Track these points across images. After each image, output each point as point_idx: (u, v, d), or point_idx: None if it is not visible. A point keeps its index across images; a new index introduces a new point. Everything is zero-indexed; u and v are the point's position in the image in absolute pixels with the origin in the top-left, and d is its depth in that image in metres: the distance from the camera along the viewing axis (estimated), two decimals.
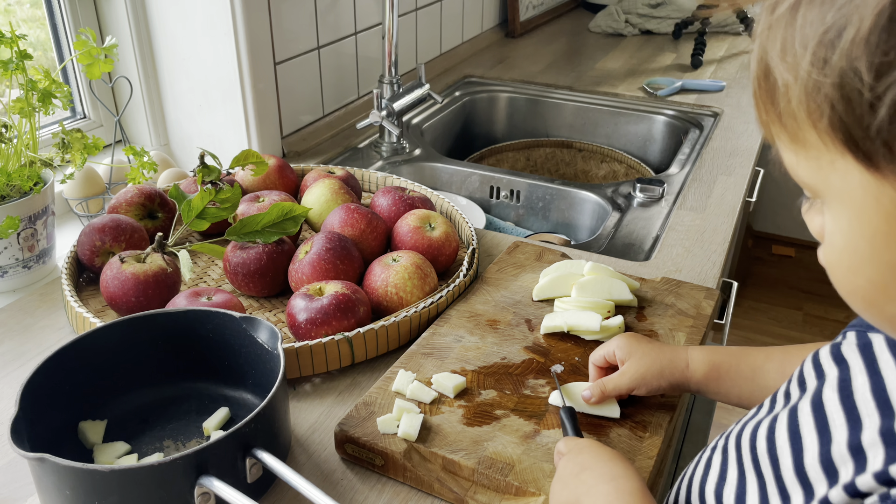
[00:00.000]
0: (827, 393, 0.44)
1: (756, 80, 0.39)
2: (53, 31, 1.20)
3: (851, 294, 0.39)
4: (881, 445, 0.38)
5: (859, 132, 0.33)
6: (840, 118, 0.33)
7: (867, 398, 0.41)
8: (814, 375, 0.48)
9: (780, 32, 0.36)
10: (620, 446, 0.67)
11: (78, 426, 0.70)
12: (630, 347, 0.70)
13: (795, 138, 0.37)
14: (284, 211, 0.92)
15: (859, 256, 0.37)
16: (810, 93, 0.34)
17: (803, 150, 0.37)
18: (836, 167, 0.35)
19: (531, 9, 2.24)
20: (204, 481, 0.57)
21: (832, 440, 0.41)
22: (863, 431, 0.40)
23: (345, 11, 1.43)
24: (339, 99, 1.48)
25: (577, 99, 1.73)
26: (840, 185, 0.36)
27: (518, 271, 0.95)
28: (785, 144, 0.38)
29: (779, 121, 0.38)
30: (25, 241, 0.94)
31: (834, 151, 0.35)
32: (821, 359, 0.48)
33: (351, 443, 0.68)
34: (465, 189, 1.38)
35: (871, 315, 0.39)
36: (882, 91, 0.31)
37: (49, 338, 0.87)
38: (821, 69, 0.33)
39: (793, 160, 0.39)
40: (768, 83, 0.37)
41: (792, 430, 0.45)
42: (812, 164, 0.37)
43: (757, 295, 2.79)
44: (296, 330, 0.81)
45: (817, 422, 0.43)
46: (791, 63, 0.35)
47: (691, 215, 1.16)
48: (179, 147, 1.34)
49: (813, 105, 0.34)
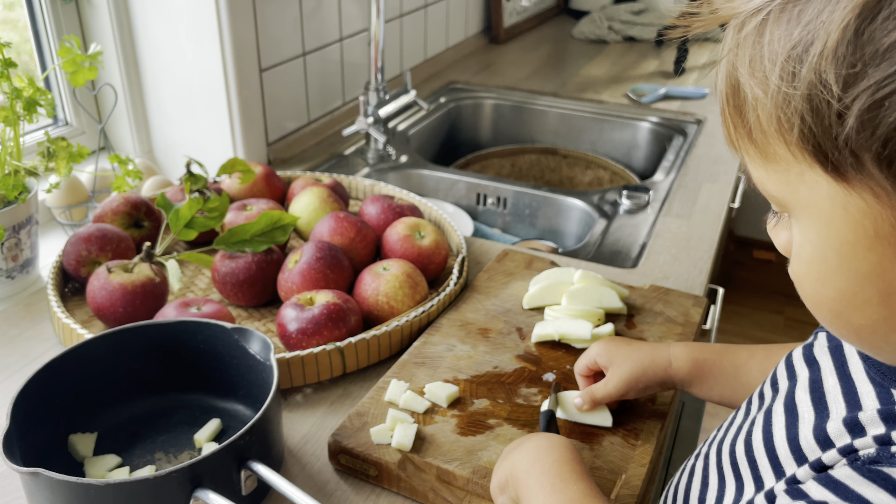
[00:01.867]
0: (799, 394, 0.46)
1: (725, 98, 0.40)
2: (35, 37, 1.19)
3: (819, 305, 0.40)
4: (846, 434, 0.40)
5: (828, 143, 0.34)
6: (810, 129, 0.34)
7: (837, 396, 0.43)
8: (786, 376, 0.49)
9: (749, 50, 0.37)
10: (613, 454, 0.68)
11: (68, 439, 0.69)
12: (610, 353, 0.70)
13: (764, 153, 0.38)
14: (273, 220, 0.92)
15: (828, 267, 0.37)
16: (780, 106, 0.35)
17: (772, 165, 0.38)
18: (805, 179, 0.36)
19: (515, 15, 2.25)
20: (199, 494, 0.57)
21: (799, 433, 0.43)
22: (828, 422, 0.41)
23: (330, 18, 1.42)
24: (324, 105, 1.48)
25: (561, 106, 1.74)
26: (809, 196, 0.37)
27: (508, 279, 0.95)
28: (754, 160, 0.39)
29: (748, 136, 0.38)
30: (9, 251, 0.93)
31: (803, 164, 0.36)
32: (793, 360, 0.49)
33: (345, 453, 0.68)
34: (451, 196, 1.38)
35: (838, 326, 0.40)
36: (850, 101, 0.32)
37: (34, 349, 0.86)
38: (790, 82, 0.34)
39: (762, 175, 0.39)
40: (737, 99, 0.38)
41: (766, 431, 0.46)
42: (781, 178, 0.38)
43: (739, 299, 2.82)
44: (286, 340, 0.81)
45: (787, 418, 0.45)
46: (760, 78, 0.36)
47: (677, 222, 1.17)
48: (163, 154, 1.33)
49: (783, 118, 0.35)
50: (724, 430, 0.53)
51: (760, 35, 0.36)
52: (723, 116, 0.41)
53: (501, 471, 0.58)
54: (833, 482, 0.37)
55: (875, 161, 0.33)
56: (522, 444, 0.58)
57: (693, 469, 0.54)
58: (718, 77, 0.41)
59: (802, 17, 0.34)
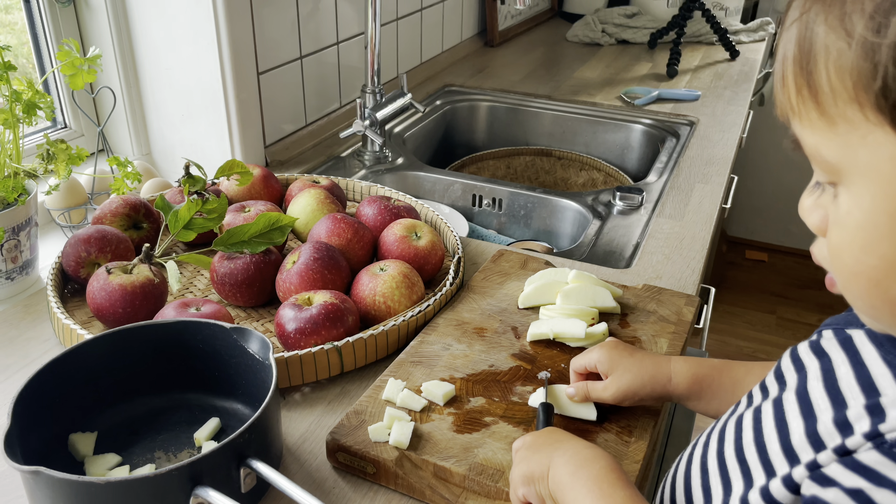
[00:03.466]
0: (812, 383, 0.46)
1: (791, 61, 0.40)
2: (34, 40, 1.19)
3: (857, 276, 0.40)
4: (867, 417, 0.40)
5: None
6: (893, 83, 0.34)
7: (852, 385, 0.43)
8: (793, 369, 0.49)
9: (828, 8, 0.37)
10: (607, 451, 0.68)
11: (68, 438, 0.70)
12: (612, 361, 0.71)
13: (828, 116, 0.38)
14: (271, 221, 0.92)
15: (877, 232, 0.38)
16: (865, 56, 0.35)
17: (832, 128, 0.38)
18: (868, 141, 0.37)
19: (509, 18, 2.26)
20: (200, 492, 0.58)
21: (818, 420, 0.43)
22: (848, 409, 0.41)
23: (327, 21, 1.43)
24: (321, 108, 1.49)
25: (555, 108, 1.75)
26: (868, 159, 0.37)
27: (503, 279, 0.96)
28: (813, 124, 0.39)
29: (813, 99, 0.39)
30: (9, 253, 0.94)
31: (872, 124, 0.36)
32: (799, 353, 0.50)
33: (343, 451, 0.69)
34: (447, 197, 1.39)
35: (873, 298, 0.40)
36: None
37: (34, 350, 0.87)
38: (877, 32, 0.35)
39: (817, 140, 0.40)
40: (808, 61, 0.39)
41: (778, 418, 0.47)
42: (840, 141, 0.38)
43: (731, 299, 2.84)
44: (285, 340, 0.82)
45: (802, 408, 0.45)
46: (844, 31, 0.36)
47: (670, 223, 1.18)
48: (162, 156, 1.34)
49: (866, 69, 0.35)
50: (725, 420, 0.54)
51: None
52: (783, 83, 0.41)
53: (531, 466, 0.59)
54: (863, 468, 0.38)
55: None
56: (560, 446, 0.58)
57: (691, 458, 0.55)
58: (783, 41, 0.41)
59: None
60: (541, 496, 0.58)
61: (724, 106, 1.71)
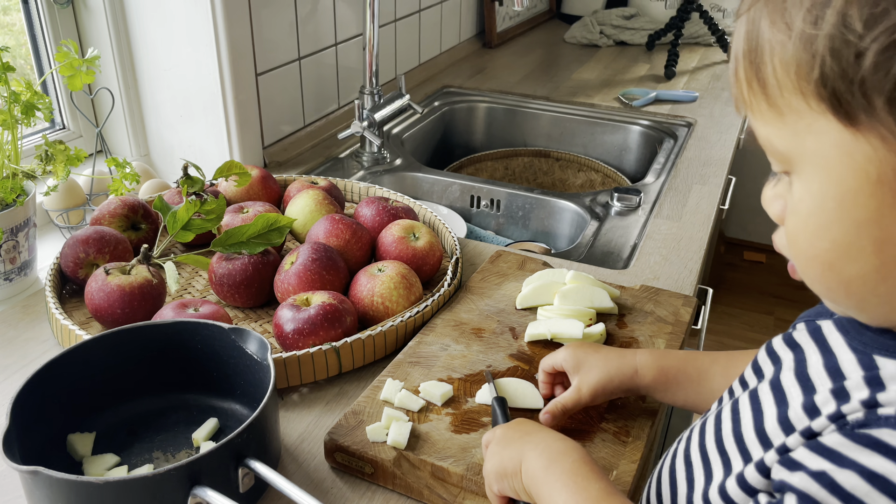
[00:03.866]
0: (785, 374, 0.47)
1: (741, 56, 0.42)
2: (32, 41, 1.20)
3: (813, 259, 0.41)
4: (833, 400, 0.41)
5: (843, 85, 0.35)
6: (830, 70, 0.36)
7: (820, 372, 0.44)
8: (769, 362, 0.51)
9: (771, 4, 0.39)
10: (605, 451, 0.69)
11: (66, 438, 0.70)
12: (577, 360, 0.71)
13: (776, 106, 0.40)
14: (270, 222, 0.93)
15: (827, 217, 0.39)
16: (803, 48, 0.37)
17: (780, 119, 0.40)
18: (813, 129, 0.38)
19: (508, 19, 2.26)
20: (198, 491, 0.58)
21: (789, 406, 0.44)
22: (816, 394, 0.43)
23: (325, 23, 1.44)
24: (319, 109, 1.49)
25: (553, 109, 1.75)
26: (815, 147, 0.38)
27: (501, 280, 0.96)
28: (764, 115, 0.41)
29: (762, 91, 0.40)
30: (7, 254, 0.94)
31: (816, 113, 0.38)
32: (774, 347, 0.52)
33: (341, 451, 0.69)
34: (445, 198, 1.39)
35: (829, 280, 0.41)
36: (870, 41, 0.34)
37: (33, 350, 0.87)
38: (813, 24, 0.36)
39: (769, 131, 0.41)
40: (755, 54, 0.40)
41: (754, 408, 0.48)
42: (789, 131, 0.40)
43: (729, 300, 2.84)
44: (283, 340, 0.82)
45: (776, 396, 0.47)
46: (785, 25, 0.38)
47: (668, 224, 1.18)
48: (160, 157, 1.34)
49: (804, 60, 0.37)
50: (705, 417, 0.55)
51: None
52: (735, 78, 0.43)
53: (503, 460, 0.59)
54: (826, 450, 0.38)
55: (886, 103, 0.34)
56: (531, 439, 0.58)
57: (675, 453, 0.56)
58: (734, 38, 0.42)
59: None
60: (515, 491, 0.58)
61: (722, 107, 1.71)
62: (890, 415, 0.37)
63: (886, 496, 0.35)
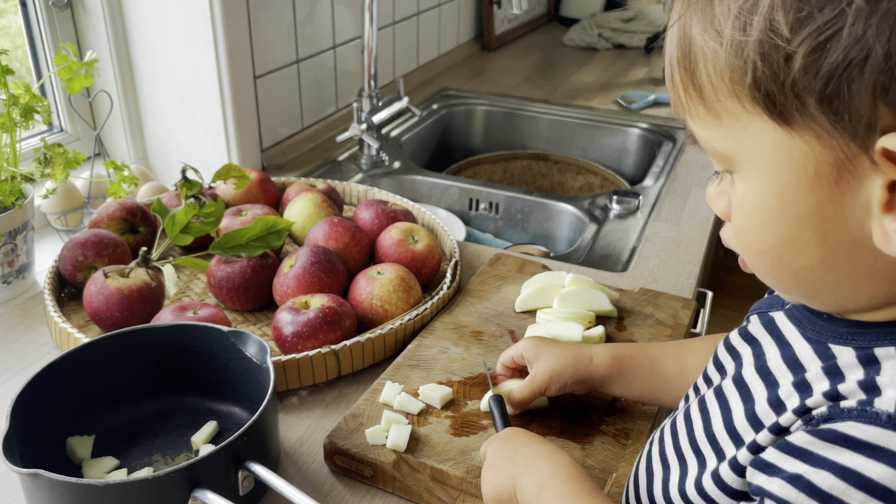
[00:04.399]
0: (746, 370, 0.49)
1: (675, 63, 0.42)
2: (31, 44, 1.20)
3: (761, 254, 0.42)
4: (796, 393, 0.42)
5: (776, 88, 0.36)
6: (762, 74, 0.37)
7: (780, 365, 0.46)
8: (730, 358, 0.52)
9: (701, 12, 0.40)
10: (604, 453, 0.69)
11: (66, 441, 0.70)
12: (536, 349, 0.73)
13: (713, 110, 0.41)
14: (269, 225, 0.93)
15: (770, 213, 0.40)
16: (734, 55, 0.38)
17: (719, 121, 0.41)
18: (751, 130, 0.39)
19: (506, 22, 2.27)
20: (198, 494, 0.58)
21: (755, 402, 0.45)
22: (779, 388, 0.44)
23: (323, 25, 1.44)
24: (318, 112, 1.49)
25: (552, 112, 1.75)
26: (753, 147, 0.39)
27: (500, 283, 0.96)
28: (702, 119, 0.42)
29: (699, 96, 0.41)
30: (6, 257, 0.94)
31: (751, 114, 0.39)
32: (732, 342, 0.53)
33: (340, 454, 0.69)
34: (444, 201, 1.39)
35: (779, 272, 0.42)
36: (797, 45, 0.35)
37: (31, 353, 0.87)
38: (742, 31, 0.37)
39: (708, 134, 0.42)
40: (689, 61, 0.41)
41: (722, 406, 0.49)
42: (727, 133, 0.40)
43: (729, 303, 2.84)
44: (282, 343, 0.82)
45: (741, 393, 0.48)
46: (716, 32, 0.39)
47: (667, 227, 1.18)
48: (158, 160, 1.34)
49: (737, 66, 0.38)
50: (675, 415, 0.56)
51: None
52: (671, 83, 0.43)
53: (496, 485, 0.58)
54: (797, 450, 0.39)
55: (818, 102, 0.35)
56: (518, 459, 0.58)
57: (650, 454, 0.56)
58: (667, 46, 0.43)
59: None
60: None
61: None
62: (852, 407, 0.38)
63: (862, 491, 0.36)
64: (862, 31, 0.33)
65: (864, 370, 0.40)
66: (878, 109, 0.34)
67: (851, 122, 0.35)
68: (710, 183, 0.46)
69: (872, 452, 0.36)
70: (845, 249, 0.39)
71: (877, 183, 0.36)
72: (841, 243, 0.39)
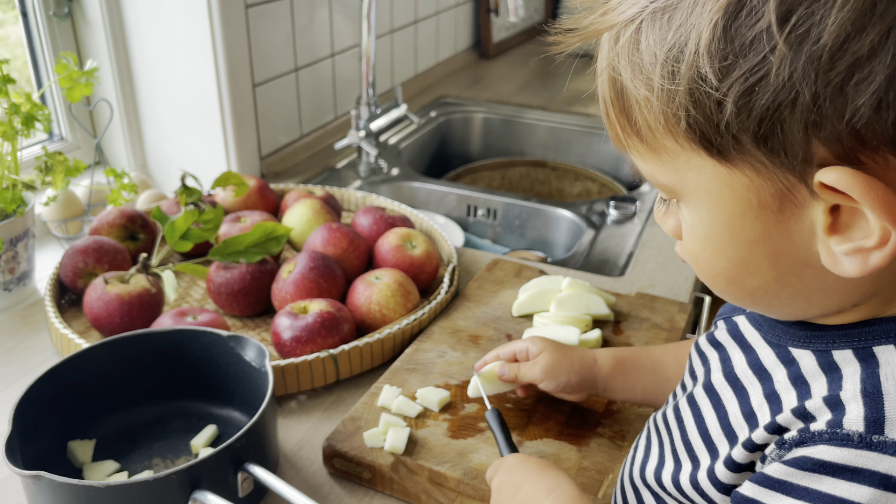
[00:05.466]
0: (714, 376, 0.50)
1: (609, 103, 0.43)
2: (31, 54, 1.21)
3: (716, 276, 0.43)
4: (766, 405, 0.43)
5: (711, 130, 0.37)
6: (695, 120, 0.37)
7: (745, 370, 0.47)
8: (700, 363, 0.53)
9: (629, 58, 0.40)
10: (600, 455, 0.70)
11: (67, 446, 0.70)
12: (543, 344, 0.73)
13: (653, 148, 0.41)
14: (267, 231, 0.93)
15: (720, 240, 0.41)
16: (665, 103, 0.38)
17: (659, 158, 0.41)
18: (692, 165, 0.40)
19: (504, 30, 2.28)
20: (198, 495, 0.58)
21: (727, 412, 0.46)
22: (750, 397, 0.45)
23: (322, 34, 1.45)
24: (316, 120, 1.50)
25: (550, 119, 1.76)
26: (696, 180, 0.40)
27: (498, 288, 0.97)
28: (643, 155, 0.43)
29: (636, 135, 0.42)
30: (7, 264, 0.94)
31: (690, 152, 0.39)
32: (702, 347, 0.54)
33: (339, 457, 0.70)
34: (442, 208, 1.40)
35: (734, 292, 0.44)
36: (726, 90, 0.36)
37: (32, 359, 0.87)
38: (671, 80, 0.37)
39: (651, 168, 0.43)
40: (623, 103, 0.42)
41: (695, 413, 0.50)
42: (669, 168, 0.41)
43: None
44: (281, 348, 0.82)
45: (712, 400, 0.49)
46: (644, 80, 0.39)
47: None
48: (158, 168, 1.35)
49: (669, 113, 0.38)
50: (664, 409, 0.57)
51: (637, 43, 0.39)
52: (608, 120, 0.44)
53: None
54: (778, 483, 0.39)
55: (753, 140, 0.36)
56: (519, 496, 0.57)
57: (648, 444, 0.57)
58: (600, 83, 0.44)
59: (673, 21, 0.37)
60: None
61: None
62: (822, 430, 0.38)
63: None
64: (788, 74, 0.34)
65: (827, 379, 0.40)
66: (812, 145, 0.35)
67: (788, 157, 0.36)
68: (658, 203, 0.47)
69: (852, 475, 0.36)
70: (795, 269, 0.40)
71: (818, 208, 0.37)
72: (791, 264, 0.40)
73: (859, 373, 0.39)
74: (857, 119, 0.33)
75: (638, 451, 0.57)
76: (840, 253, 0.37)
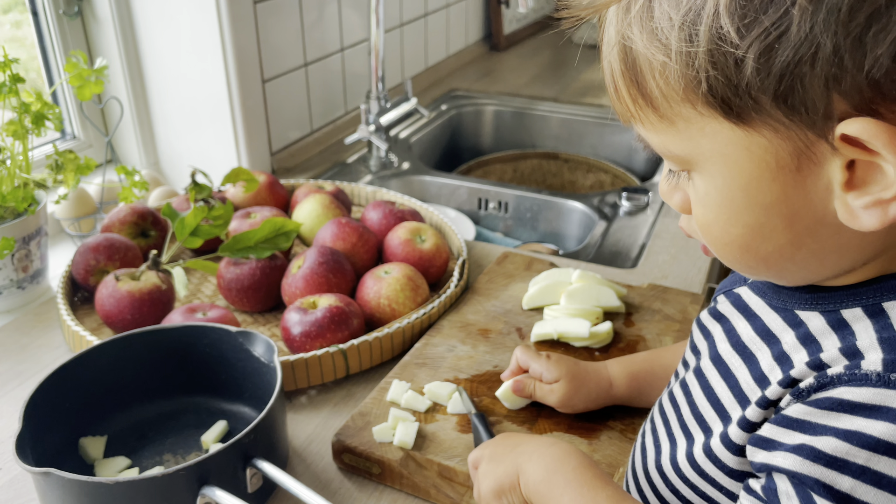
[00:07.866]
0: (721, 346, 0.50)
1: (619, 76, 0.42)
2: (42, 53, 1.21)
3: (729, 245, 0.43)
4: (777, 366, 0.43)
5: (730, 91, 0.37)
6: (716, 80, 0.37)
7: (752, 337, 0.47)
8: (702, 337, 0.53)
9: (642, 25, 0.40)
10: (611, 448, 0.69)
11: (78, 442, 0.71)
12: (558, 372, 0.72)
13: (666, 117, 0.41)
14: (277, 226, 0.93)
15: (736, 206, 0.41)
16: (685, 66, 0.38)
17: (672, 127, 0.41)
18: (706, 132, 0.40)
19: (514, 22, 2.27)
20: (206, 491, 0.58)
21: (738, 379, 0.46)
22: (760, 362, 0.45)
23: (331, 29, 1.45)
24: (326, 115, 1.50)
25: (562, 111, 1.75)
26: (711, 146, 0.40)
27: (508, 281, 0.96)
28: (655, 126, 0.42)
29: (649, 105, 0.42)
30: (20, 262, 0.95)
31: (707, 117, 0.39)
32: (703, 322, 0.54)
33: (348, 452, 0.70)
34: (453, 201, 1.40)
35: (747, 259, 0.43)
36: (746, 48, 0.36)
37: (45, 357, 0.88)
38: (689, 41, 0.37)
39: (663, 139, 0.43)
40: (635, 73, 0.41)
41: (703, 384, 0.50)
42: (682, 137, 0.41)
43: None
44: (290, 343, 0.82)
45: (720, 370, 0.49)
46: (661, 44, 0.39)
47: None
48: (169, 165, 1.36)
49: (690, 76, 0.38)
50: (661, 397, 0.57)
51: (650, 10, 0.39)
52: (617, 95, 0.44)
53: (498, 477, 0.56)
54: (795, 422, 0.40)
55: (773, 100, 0.36)
56: (523, 449, 0.57)
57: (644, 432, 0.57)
58: (606, 57, 0.43)
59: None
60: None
61: None
62: (841, 373, 0.39)
63: (866, 449, 0.36)
64: (809, 28, 0.34)
65: (838, 335, 0.41)
66: (833, 99, 0.35)
67: (808, 114, 0.36)
68: (663, 179, 0.47)
69: (870, 412, 0.37)
70: (811, 230, 0.40)
71: (836, 164, 0.37)
72: (807, 224, 0.40)
73: (871, 326, 0.40)
74: (877, 69, 0.34)
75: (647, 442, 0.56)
76: (858, 207, 0.37)
